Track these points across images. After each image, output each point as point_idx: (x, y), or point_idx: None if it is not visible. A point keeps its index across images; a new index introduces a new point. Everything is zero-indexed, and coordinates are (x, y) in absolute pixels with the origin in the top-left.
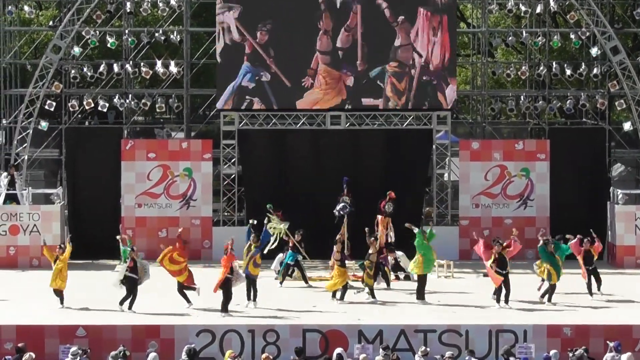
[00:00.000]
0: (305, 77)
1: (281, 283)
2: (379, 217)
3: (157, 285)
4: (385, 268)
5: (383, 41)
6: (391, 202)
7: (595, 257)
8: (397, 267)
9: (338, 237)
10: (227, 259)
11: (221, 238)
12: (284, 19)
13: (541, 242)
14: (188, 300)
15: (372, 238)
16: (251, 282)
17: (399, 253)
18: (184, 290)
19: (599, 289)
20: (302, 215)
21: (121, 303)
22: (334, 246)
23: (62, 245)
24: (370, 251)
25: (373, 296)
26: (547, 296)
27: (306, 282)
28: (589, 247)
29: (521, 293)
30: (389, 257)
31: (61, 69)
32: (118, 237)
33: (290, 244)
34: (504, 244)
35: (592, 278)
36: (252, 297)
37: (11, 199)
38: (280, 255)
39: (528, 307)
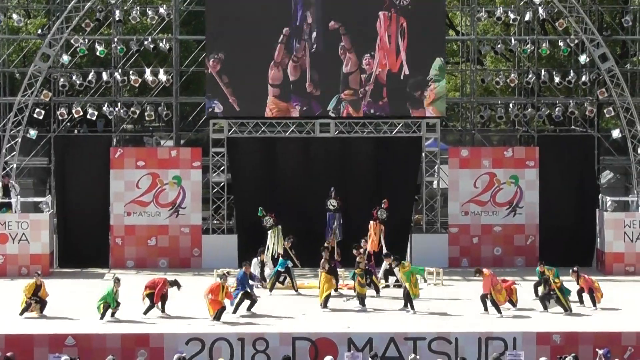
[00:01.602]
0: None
1: (271, 290)
2: (371, 222)
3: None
4: (373, 277)
5: (333, 69)
6: (384, 209)
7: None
8: (389, 273)
9: (325, 244)
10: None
11: (210, 246)
12: (237, 49)
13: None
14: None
15: (357, 247)
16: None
17: None
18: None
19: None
20: (291, 223)
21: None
22: (322, 253)
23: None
24: (357, 259)
25: (363, 304)
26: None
27: (296, 289)
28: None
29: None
30: (384, 262)
31: (50, 77)
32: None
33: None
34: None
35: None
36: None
37: (6, 206)
38: (255, 259)
39: (518, 314)
